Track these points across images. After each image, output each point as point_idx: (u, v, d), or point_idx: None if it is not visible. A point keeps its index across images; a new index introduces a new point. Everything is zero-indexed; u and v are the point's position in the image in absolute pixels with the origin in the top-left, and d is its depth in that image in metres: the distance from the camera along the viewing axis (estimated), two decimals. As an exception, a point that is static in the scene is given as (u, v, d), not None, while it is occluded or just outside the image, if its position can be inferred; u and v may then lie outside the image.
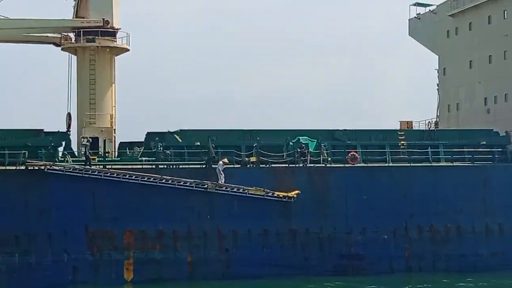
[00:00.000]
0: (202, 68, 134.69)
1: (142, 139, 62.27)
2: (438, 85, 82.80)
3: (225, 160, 58.54)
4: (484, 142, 65.77)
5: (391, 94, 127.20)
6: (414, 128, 75.88)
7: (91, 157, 58.51)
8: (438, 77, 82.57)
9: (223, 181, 57.80)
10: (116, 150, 64.62)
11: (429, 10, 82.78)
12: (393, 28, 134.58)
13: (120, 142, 64.96)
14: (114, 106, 66.63)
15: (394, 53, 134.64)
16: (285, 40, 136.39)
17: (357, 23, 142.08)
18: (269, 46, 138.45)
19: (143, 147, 61.65)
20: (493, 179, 62.57)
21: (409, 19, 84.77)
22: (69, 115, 66.28)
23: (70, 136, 62.96)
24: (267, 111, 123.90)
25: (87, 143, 59.05)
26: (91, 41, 64.93)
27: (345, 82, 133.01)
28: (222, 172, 57.88)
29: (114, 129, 66.07)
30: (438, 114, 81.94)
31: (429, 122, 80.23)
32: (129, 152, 63.03)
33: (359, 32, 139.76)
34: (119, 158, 61.94)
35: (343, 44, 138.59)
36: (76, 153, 62.14)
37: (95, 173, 56.60)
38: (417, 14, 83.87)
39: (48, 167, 56.06)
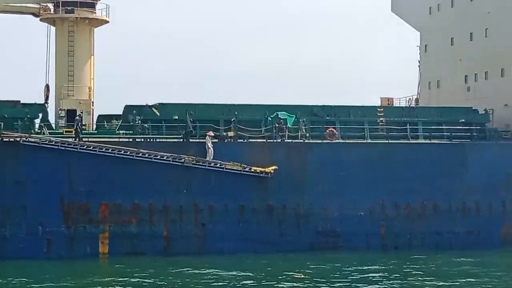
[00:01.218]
0: (183, 44, 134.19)
1: (121, 113, 61.90)
2: (419, 62, 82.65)
3: (211, 133, 58.35)
4: (463, 120, 65.76)
5: (374, 71, 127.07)
6: (395, 105, 75.66)
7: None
8: (419, 54, 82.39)
9: (211, 157, 57.65)
10: (94, 123, 64.15)
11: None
12: (376, 4, 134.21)
13: (99, 115, 64.45)
14: (93, 79, 66.21)
15: (377, 29, 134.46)
16: (268, 14, 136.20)
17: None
18: (253, 20, 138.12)
19: (121, 120, 61.27)
20: (471, 157, 62.60)
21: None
22: (47, 86, 65.77)
23: (48, 108, 62.63)
24: (249, 86, 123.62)
25: (78, 118, 58.66)
26: (70, 12, 64.50)
27: (327, 57, 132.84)
28: (210, 146, 57.71)
29: (92, 102, 65.68)
30: (419, 91, 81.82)
31: (409, 99, 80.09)
32: (107, 125, 62.60)
33: (343, 8, 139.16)
34: (96, 131, 61.51)
35: (326, 21, 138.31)
36: (53, 125, 61.74)
37: (71, 146, 56.23)
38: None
39: (24, 139, 55.70)
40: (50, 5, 65.64)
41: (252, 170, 58.26)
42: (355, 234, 59.69)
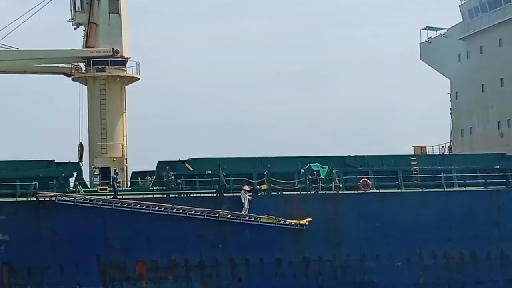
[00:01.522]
0: (213, 96, 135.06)
1: (154, 169, 62.20)
2: (451, 109, 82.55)
3: (246, 187, 58.46)
4: (498, 166, 65.31)
5: (406, 119, 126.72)
6: (428, 153, 75.47)
7: (110, 187, 58.55)
8: (450, 101, 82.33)
9: (246, 211, 57.80)
10: (128, 179, 64.44)
11: (440, 33, 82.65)
12: (405, 53, 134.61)
13: (132, 172, 64.68)
14: (125, 136, 66.57)
15: (407, 77, 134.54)
16: (297, 64, 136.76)
17: (369, 48, 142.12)
18: (281, 72, 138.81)
19: (154, 176, 61.53)
20: (508, 204, 62.10)
21: (420, 43, 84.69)
22: (81, 145, 66.26)
23: (82, 167, 63.09)
24: (281, 138, 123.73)
25: (115, 175, 59.24)
26: (101, 70, 65.02)
27: (359, 107, 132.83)
28: (245, 200, 57.86)
29: (126, 159, 65.96)
30: (452, 139, 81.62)
31: (442, 146, 79.98)
32: (141, 181, 62.84)
33: (372, 57, 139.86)
34: (130, 188, 61.78)
35: (356, 70, 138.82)
36: (88, 183, 62.09)
37: (106, 203, 56.54)
38: (428, 38, 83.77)
39: (59, 197, 56.13)
40: (82, 65, 66.31)
41: (287, 223, 58.22)
42: (393, 285, 59.34)
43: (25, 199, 56.41)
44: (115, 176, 59.47)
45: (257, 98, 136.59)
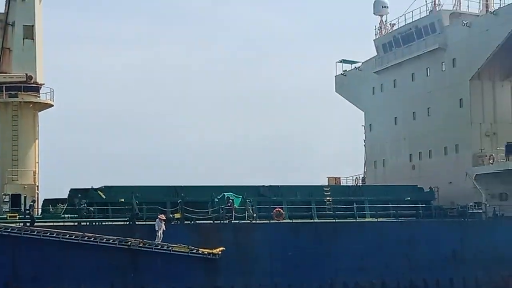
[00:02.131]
0: (127, 125, 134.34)
1: (66, 196, 61.51)
2: (364, 141, 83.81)
3: (162, 216, 58.09)
4: (409, 198, 66.49)
5: (322, 150, 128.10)
6: (342, 184, 76.40)
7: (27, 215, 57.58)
8: (364, 133, 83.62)
9: (160, 239, 57.40)
10: (40, 207, 63.49)
11: (355, 67, 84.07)
12: (321, 85, 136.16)
13: (44, 199, 63.82)
14: (38, 162, 65.72)
15: (323, 109, 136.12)
16: (215, 94, 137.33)
17: (287, 79, 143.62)
18: (198, 102, 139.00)
19: (66, 204, 60.82)
20: (418, 235, 63.11)
21: (335, 76, 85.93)
22: (-9, 172, 65.18)
23: (-8, 194, 62.12)
24: (197, 168, 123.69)
25: (32, 203, 58.31)
26: (14, 96, 64.15)
27: (275, 138, 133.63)
28: (160, 228, 57.45)
29: (37, 186, 65.07)
30: (366, 170, 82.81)
31: (356, 178, 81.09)
32: (52, 209, 62.01)
33: (289, 88, 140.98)
34: (41, 215, 60.89)
35: (273, 101, 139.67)
36: (-3, 210, 61.11)
37: (15, 231, 55.62)
38: (343, 71, 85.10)
39: (-34, 225, 55.06)
40: (-6, 89, 65.41)
41: (200, 252, 58.09)
42: (304, 314, 59.55)
43: None
44: (32, 203, 58.46)
45: (172, 127, 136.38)
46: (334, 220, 62.94)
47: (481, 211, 66.04)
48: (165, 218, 58.22)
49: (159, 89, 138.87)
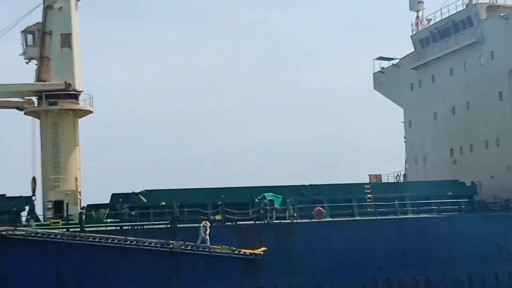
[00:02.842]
0: (167, 129, 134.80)
1: (108, 201, 61.68)
2: (405, 137, 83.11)
3: (207, 222, 57.92)
4: (451, 193, 65.70)
5: (362, 148, 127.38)
6: (383, 181, 75.76)
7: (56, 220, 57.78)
8: (404, 129, 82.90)
9: (207, 242, 57.36)
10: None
11: (392, 63, 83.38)
12: (360, 83, 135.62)
13: (87, 205, 64.01)
14: (79, 169, 65.97)
15: (362, 107, 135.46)
16: (254, 96, 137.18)
17: (325, 79, 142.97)
18: (238, 103, 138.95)
19: (108, 209, 61.02)
20: (460, 229, 62.36)
21: (373, 73, 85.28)
22: (34, 179, 65.30)
23: (36, 201, 62.53)
24: (240, 169, 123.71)
25: (83, 211, 58.46)
26: (54, 104, 64.46)
27: (315, 138, 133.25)
28: (202, 235, 57.38)
29: (79, 192, 65.32)
30: (406, 167, 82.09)
31: (397, 174, 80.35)
32: (95, 214, 62.25)
33: (328, 88, 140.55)
34: (84, 221, 60.98)
35: (312, 101, 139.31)
36: (41, 217, 61.45)
37: (58, 237, 55.87)
38: (381, 68, 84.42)
39: (10, 232, 55.29)
40: (34, 98, 65.72)
41: (242, 253, 57.91)
42: (349, 311, 59.11)
43: (-24, 234, 55.63)
44: (82, 211, 58.53)
45: (214, 131, 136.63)
46: (375, 217, 62.35)
47: (524, 204, 65.06)
48: (209, 225, 58.00)
49: (193, 95, 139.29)
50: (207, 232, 57.58)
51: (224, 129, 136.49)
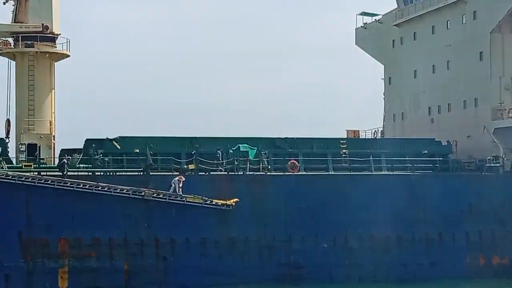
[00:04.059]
0: (143, 76, 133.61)
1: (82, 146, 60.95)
2: (384, 94, 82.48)
3: (182, 177, 57.16)
4: (426, 152, 65.26)
5: (342, 104, 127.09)
6: (361, 137, 75.17)
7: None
8: (384, 86, 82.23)
9: (170, 191, 56.88)
10: (56, 157, 63.02)
11: (375, 19, 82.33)
12: (341, 38, 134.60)
13: (61, 149, 63.19)
14: (54, 112, 65.21)
15: (343, 62, 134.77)
16: (238, 49, 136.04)
17: (308, 32, 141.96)
18: (217, 56, 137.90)
19: (82, 154, 60.25)
20: (434, 188, 62.04)
21: (355, 29, 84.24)
22: (8, 121, 64.70)
23: (9, 143, 61.80)
24: (222, 119, 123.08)
25: (64, 161, 57.00)
26: (30, 46, 63.50)
27: (297, 91, 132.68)
28: (175, 188, 56.82)
29: (54, 136, 64.59)
30: (385, 124, 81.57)
31: (375, 131, 79.80)
32: (68, 159, 61.46)
33: (310, 42, 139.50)
34: (56, 165, 60.39)
35: (295, 54, 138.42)
36: (13, 159, 60.67)
37: (29, 180, 55.17)
38: (363, 24, 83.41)
39: (-20, 173, 54.69)
40: (10, 40, 64.72)
41: (214, 203, 57.44)
42: (318, 266, 58.79)
43: None
44: (65, 161, 57.16)
45: (196, 80, 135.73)
46: (349, 173, 61.88)
47: (498, 165, 64.75)
48: (184, 179, 57.27)
49: (176, 43, 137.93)
50: (180, 186, 57.00)
51: (207, 78, 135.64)
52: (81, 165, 58.90)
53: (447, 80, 72.22)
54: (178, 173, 57.87)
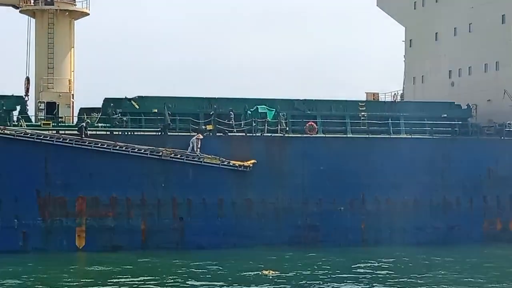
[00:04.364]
0: (163, 37, 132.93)
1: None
2: (404, 57, 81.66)
3: (200, 135, 57.11)
4: (445, 115, 64.67)
5: (362, 65, 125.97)
6: (380, 100, 74.57)
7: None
8: (404, 49, 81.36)
9: (188, 151, 56.79)
10: (75, 115, 62.96)
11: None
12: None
13: (80, 108, 63.02)
14: (73, 71, 65.00)
15: (364, 24, 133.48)
16: (257, 9, 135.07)
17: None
18: (239, 16, 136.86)
19: (100, 113, 60.11)
20: (452, 153, 61.57)
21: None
22: (27, 79, 64.49)
23: (28, 101, 61.73)
24: (244, 81, 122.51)
25: (83, 125, 56.58)
26: (50, 3, 63.21)
27: (317, 53, 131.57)
28: (193, 147, 56.68)
29: (72, 94, 64.45)
30: (404, 86, 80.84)
31: (395, 94, 79.10)
32: (87, 117, 61.36)
33: (331, 3, 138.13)
34: (74, 124, 60.34)
35: (314, 16, 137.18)
36: (32, 118, 60.67)
37: (47, 138, 55.15)
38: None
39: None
40: (31, -4, 64.50)
41: (231, 164, 57.26)
42: (335, 228, 58.73)
43: (-36, 130, 55.00)
44: (83, 125, 56.79)
45: (217, 41, 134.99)
46: (367, 136, 61.47)
47: (518, 129, 64.18)
48: (202, 137, 57.09)
49: (196, 4, 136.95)
50: (199, 145, 56.83)
51: (227, 39, 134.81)
52: (99, 124, 58.84)
53: (469, 43, 71.31)
54: (196, 133, 57.69)
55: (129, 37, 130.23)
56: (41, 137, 55.09)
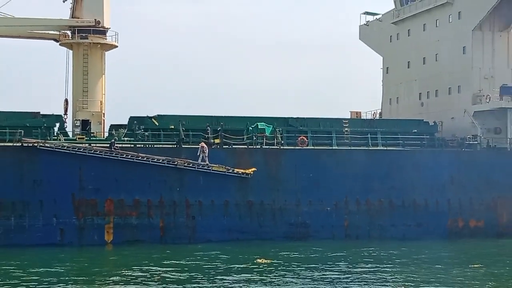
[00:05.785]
0: (178, 65, 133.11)
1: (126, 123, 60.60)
2: (382, 81, 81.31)
3: (203, 144, 56.84)
4: (415, 130, 64.33)
5: (347, 89, 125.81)
6: (363, 117, 74.20)
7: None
8: (382, 75, 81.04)
9: (199, 161, 56.45)
10: (106, 131, 62.90)
11: (376, 18, 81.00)
12: (347, 34, 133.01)
13: (111, 125, 63.23)
14: (104, 94, 64.85)
15: (349, 55, 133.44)
16: (264, 41, 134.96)
17: (318, 29, 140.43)
18: (242, 47, 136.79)
19: (126, 129, 60.03)
20: (421, 162, 61.13)
21: (359, 26, 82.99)
22: (66, 100, 64.42)
23: (67, 119, 61.96)
24: (243, 102, 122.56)
25: (113, 140, 56.59)
26: (85, 38, 63.16)
27: (309, 78, 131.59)
28: (200, 153, 56.46)
29: (104, 113, 64.34)
30: (382, 106, 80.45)
31: (374, 113, 78.72)
32: (115, 133, 61.28)
33: (320, 37, 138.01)
34: (106, 138, 60.19)
35: (307, 47, 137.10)
36: (70, 133, 60.59)
37: (81, 150, 55.01)
38: (366, 22, 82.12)
39: (41, 144, 54.47)
40: (68, 32, 64.33)
41: (235, 172, 56.98)
42: (322, 226, 58.39)
43: (11, 144, 54.78)
44: (113, 141, 56.64)
45: (227, 67, 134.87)
46: (350, 148, 61.12)
47: (476, 142, 63.71)
48: (206, 146, 56.76)
49: (211, 37, 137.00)
50: (206, 152, 56.55)
51: (235, 64, 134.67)
52: (125, 139, 58.71)
53: (435, 70, 70.97)
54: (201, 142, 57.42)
55: (150, 65, 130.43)
56: (76, 149, 55.01)
